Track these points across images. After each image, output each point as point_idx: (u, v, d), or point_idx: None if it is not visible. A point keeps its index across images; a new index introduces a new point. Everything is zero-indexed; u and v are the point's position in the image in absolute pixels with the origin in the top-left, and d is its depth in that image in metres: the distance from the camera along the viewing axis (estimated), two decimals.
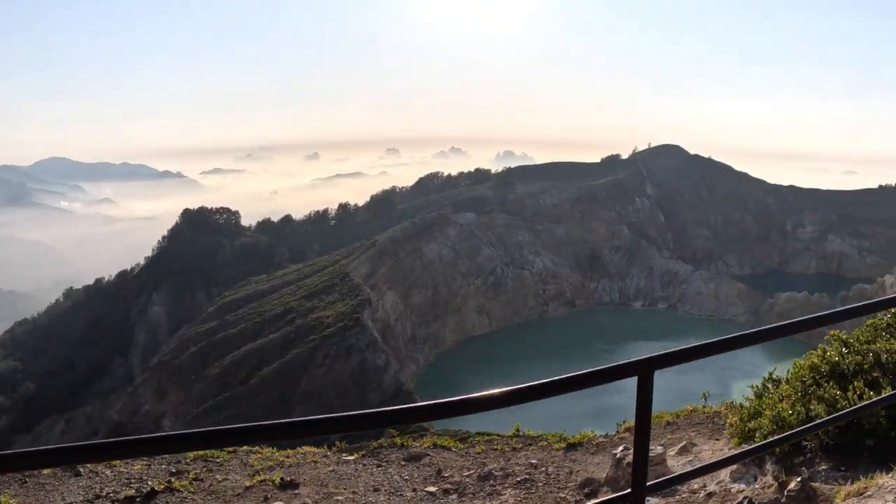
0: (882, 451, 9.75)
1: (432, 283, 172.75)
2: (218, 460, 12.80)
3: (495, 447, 15.66)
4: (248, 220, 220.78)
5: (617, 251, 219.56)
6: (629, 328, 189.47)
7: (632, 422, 15.93)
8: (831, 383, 11.09)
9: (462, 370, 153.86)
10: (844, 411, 8.49)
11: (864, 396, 10.00)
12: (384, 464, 13.59)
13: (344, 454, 14.21)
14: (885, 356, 11.30)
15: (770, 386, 13.02)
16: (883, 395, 9.52)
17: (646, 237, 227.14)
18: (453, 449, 14.93)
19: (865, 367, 11.17)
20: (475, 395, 3.75)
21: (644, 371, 4.39)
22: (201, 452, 12.73)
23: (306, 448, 15.05)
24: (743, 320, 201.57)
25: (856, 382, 10.59)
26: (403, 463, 13.70)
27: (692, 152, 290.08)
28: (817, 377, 11.54)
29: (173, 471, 12.04)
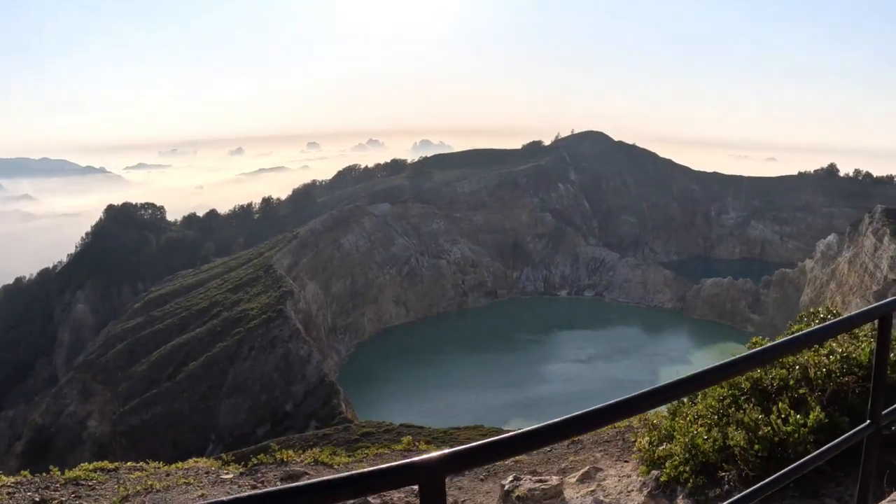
0: (810, 482, 8.71)
1: (350, 273, 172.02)
2: (90, 483, 12.15)
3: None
4: (174, 214, 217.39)
5: (540, 239, 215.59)
6: (555, 318, 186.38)
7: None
8: (752, 403, 9.74)
9: (382, 361, 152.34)
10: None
11: (790, 420, 8.73)
12: (259, 484, 12.98)
13: (227, 469, 14.08)
14: (814, 370, 9.85)
15: (686, 401, 11.51)
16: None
17: (570, 224, 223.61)
18: (335, 466, 14.51)
19: (791, 382, 9.87)
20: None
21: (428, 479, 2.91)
22: (72, 475, 12.23)
23: (196, 461, 14.83)
24: (670, 307, 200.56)
25: (780, 403, 9.26)
26: (279, 483, 12.85)
27: (616, 139, 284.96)
28: (737, 394, 10.22)
29: (37, 499, 11.27)
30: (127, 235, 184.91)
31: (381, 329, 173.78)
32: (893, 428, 8.78)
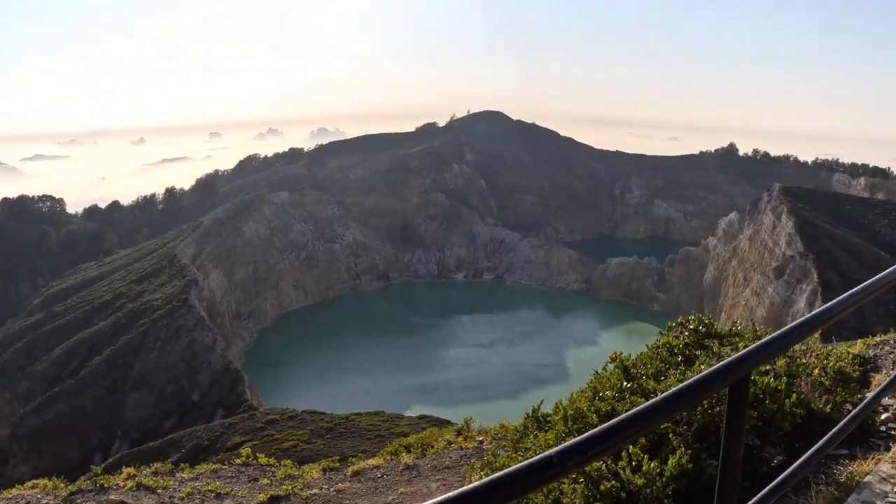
0: None
1: (252, 259, 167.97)
2: None
3: (250, 476, 13.53)
4: (75, 207, 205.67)
5: (433, 220, 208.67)
6: (452, 302, 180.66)
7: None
8: None
9: (285, 346, 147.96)
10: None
11: (644, 467, 6.79)
12: None
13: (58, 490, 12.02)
14: None
15: (534, 424, 10.04)
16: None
17: (466, 204, 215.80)
18: (158, 491, 12.64)
19: None
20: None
21: None
22: None
23: (20, 489, 12.84)
24: (575, 288, 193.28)
25: (631, 445, 7.05)
26: None
27: (515, 118, 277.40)
28: (583, 428, 7.97)
29: None
30: (24, 230, 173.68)
31: (282, 313, 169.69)
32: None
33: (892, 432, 8.31)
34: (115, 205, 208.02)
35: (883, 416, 8.59)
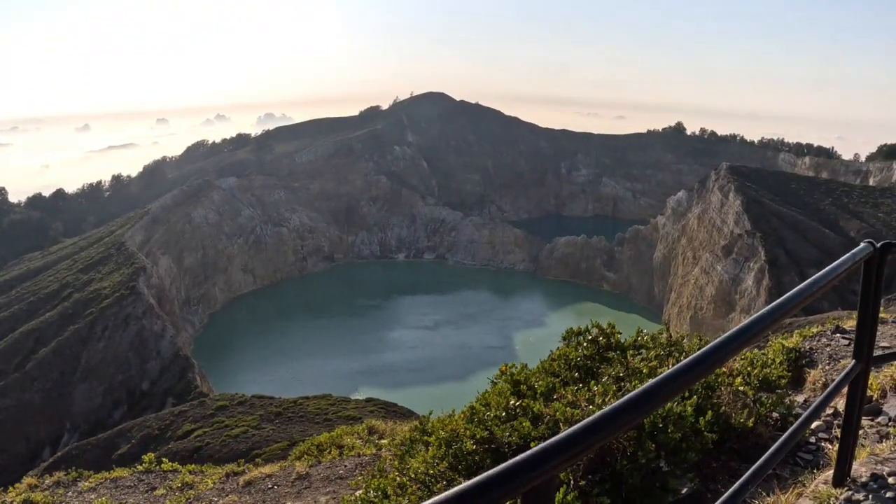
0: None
1: (201, 245, 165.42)
2: None
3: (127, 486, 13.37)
4: (17, 196, 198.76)
5: (375, 202, 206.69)
6: (394, 282, 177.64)
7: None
8: (487, 463, 6.45)
9: (235, 331, 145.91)
10: None
11: None
12: None
13: None
14: (566, 425, 6.38)
15: (421, 436, 8.89)
16: None
17: (407, 185, 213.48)
18: None
19: (533, 440, 6.32)
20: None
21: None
22: None
23: None
24: (522, 268, 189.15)
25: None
26: None
27: (458, 99, 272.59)
28: (459, 456, 6.79)
29: None
30: None
31: (231, 298, 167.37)
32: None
33: (822, 444, 7.34)
34: (59, 193, 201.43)
35: (814, 426, 7.61)
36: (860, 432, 6.02)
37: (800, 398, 9.08)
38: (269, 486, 12.64)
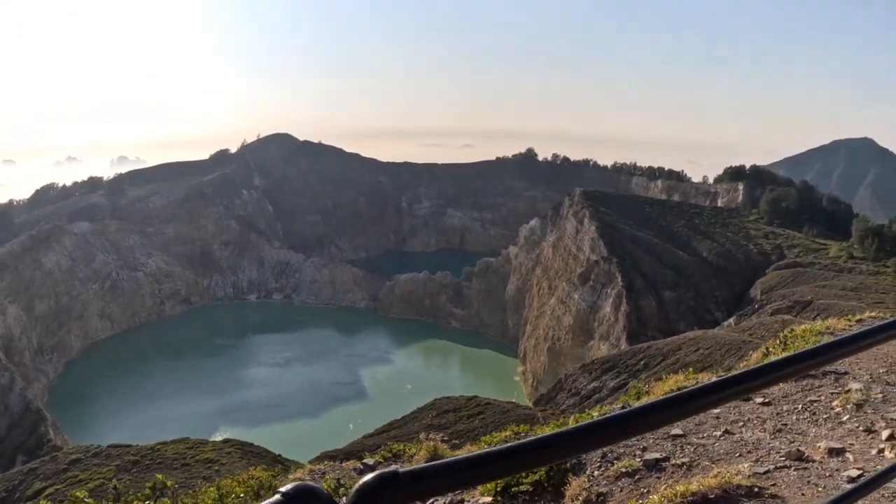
0: None
1: (54, 291, 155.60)
2: None
3: None
4: None
5: (227, 246, 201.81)
6: (246, 322, 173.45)
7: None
8: None
9: (92, 378, 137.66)
10: None
11: None
12: None
13: None
14: None
15: None
16: None
17: (255, 229, 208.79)
18: None
19: None
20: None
21: None
22: None
23: None
24: (363, 306, 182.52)
25: None
26: None
27: (302, 139, 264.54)
28: None
29: None
30: None
31: (88, 344, 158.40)
32: None
33: None
34: None
35: None
36: None
37: None
38: None
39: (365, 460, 8.74)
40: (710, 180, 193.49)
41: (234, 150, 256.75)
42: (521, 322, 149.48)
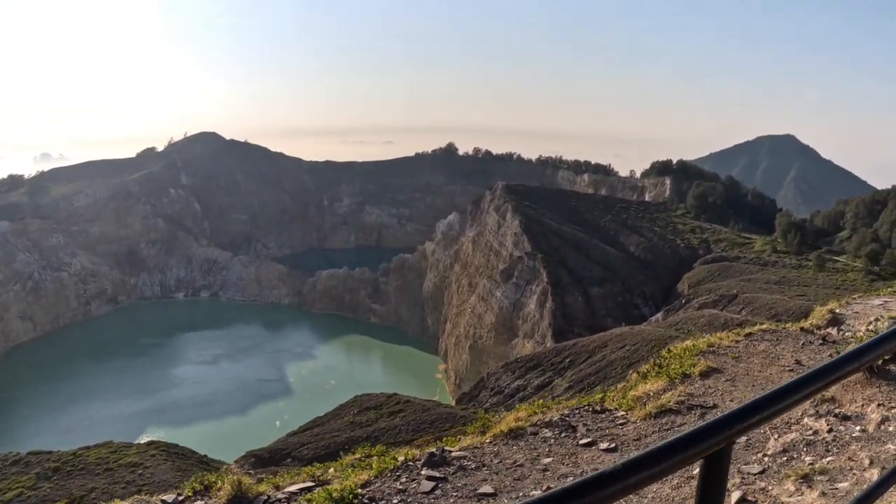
0: None
1: None
2: None
3: None
4: None
5: (154, 245, 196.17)
6: (175, 320, 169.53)
7: None
8: None
9: (12, 382, 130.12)
10: None
11: None
12: None
13: None
14: None
15: None
16: None
17: (182, 228, 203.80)
18: None
19: None
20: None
21: None
22: None
23: None
24: (287, 302, 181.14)
25: None
26: None
27: (229, 137, 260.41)
28: None
29: None
30: None
31: (9, 348, 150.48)
32: None
33: None
34: None
35: None
36: None
37: None
38: None
39: (165, 497, 8.10)
40: (637, 174, 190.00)
41: (160, 148, 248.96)
42: (440, 319, 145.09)
